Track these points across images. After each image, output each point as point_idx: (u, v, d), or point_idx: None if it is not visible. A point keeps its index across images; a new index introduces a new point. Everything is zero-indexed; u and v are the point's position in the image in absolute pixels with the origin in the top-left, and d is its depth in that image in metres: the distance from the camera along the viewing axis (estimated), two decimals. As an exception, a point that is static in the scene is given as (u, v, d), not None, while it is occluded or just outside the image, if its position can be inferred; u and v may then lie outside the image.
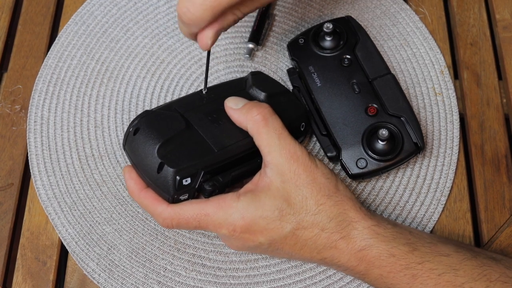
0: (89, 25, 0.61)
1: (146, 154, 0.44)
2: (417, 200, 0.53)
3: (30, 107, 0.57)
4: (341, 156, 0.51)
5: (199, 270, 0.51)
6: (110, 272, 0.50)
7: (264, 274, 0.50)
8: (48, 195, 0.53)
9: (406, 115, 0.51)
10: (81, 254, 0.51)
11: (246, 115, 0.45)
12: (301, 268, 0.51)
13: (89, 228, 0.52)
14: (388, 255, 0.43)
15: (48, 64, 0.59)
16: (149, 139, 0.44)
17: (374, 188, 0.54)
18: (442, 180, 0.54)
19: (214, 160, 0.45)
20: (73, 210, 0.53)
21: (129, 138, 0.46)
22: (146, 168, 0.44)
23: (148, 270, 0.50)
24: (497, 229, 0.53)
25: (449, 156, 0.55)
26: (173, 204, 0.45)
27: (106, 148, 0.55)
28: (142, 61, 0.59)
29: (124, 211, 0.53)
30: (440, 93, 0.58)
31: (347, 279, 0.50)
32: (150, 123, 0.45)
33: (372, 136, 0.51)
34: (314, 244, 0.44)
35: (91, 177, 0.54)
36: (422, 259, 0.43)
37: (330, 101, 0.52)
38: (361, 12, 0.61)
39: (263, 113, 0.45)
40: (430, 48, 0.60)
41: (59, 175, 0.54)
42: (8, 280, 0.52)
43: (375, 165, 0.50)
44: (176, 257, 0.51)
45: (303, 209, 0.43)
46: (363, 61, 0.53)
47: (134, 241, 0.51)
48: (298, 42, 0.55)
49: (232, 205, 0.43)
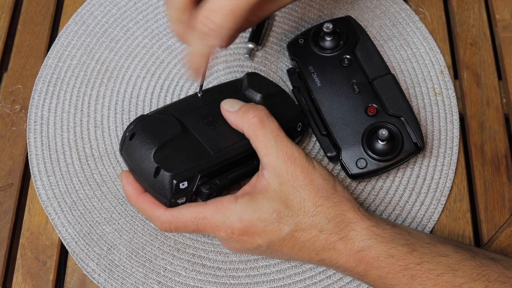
0: (89, 25, 0.61)
1: (143, 159, 0.44)
2: (417, 200, 0.53)
3: (30, 107, 0.57)
4: (341, 156, 0.51)
5: (199, 270, 0.51)
6: (110, 272, 0.50)
7: (264, 274, 0.50)
8: (48, 195, 0.53)
9: (406, 115, 0.51)
10: (81, 254, 0.51)
11: (243, 118, 0.45)
12: (301, 268, 0.51)
13: (89, 228, 0.52)
14: (386, 256, 0.43)
15: (48, 64, 0.59)
16: (145, 144, 0.44)
17: (374, 188, 0.54)
18: (442, 180, 0.54)
19: (211, 163, 0.45)
20: (73, 210, 0.53)
21: (125, 143, 0.46)
22: (143, 172, 0.44)
23: (148, 270, 0.50)
24: (497, 229, 0.53)
25: (449, 156, 0.55)
26: (171, 208, 0.45)
27: (106, 148, 0.55)
28: (142, 61, 0.59)
29: (124, 211, 0.53)
30: (440, 93, 0.58)
31: (347, 279, 0.50)
32: (145, 128, 0.45)
33: (372, 136, 0.51)
34: (313, 245, 0.44)
35: (91, 177, 0.54)
36: (421, 260, 0.43)
37: (330, 101, 0.52)
38: (361, 12, 0.61)
39: (259, 115, 0.45)
40: (430, 48, 0.60)
41: (59, 175, 0.54)
42: (8, 280, 0.51)
43: (375, 165, 0.50)
44: (176, 257, 0.51)
45: (301, 211, 0.43)
46: (363, 61, 0.53)
47: (134, 241, 0.51)
48: (298, 42, 0.55)
49: (230, 207, 0.43)
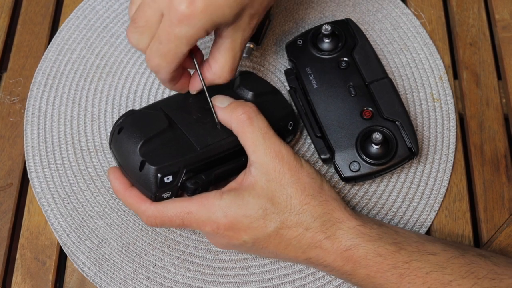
0: (90, 20, 0.61)
1: (129, 153, 0.44)
2: (410, 206, 0.53)
3: (28, 99, 0.57)
4: (334, 159, 0.51)
5: (188, 267, 0.51)
6: (100, 266, 0.50)
7: (253, 274, 0.50)
8: (42, 187, 0.53)
9: (402, 120, 0.51)
10: (72, 247, 0.51)
11: (231, 114, 0.45)
12: (291, 269, 0.51)
13: (81, 221, 0.52)
14: (374, 255, 0.43)
15: (48, 57, 0.59)
16: (132, 138, 0.45)
17: (367, 192, 0.54)
18: (436, 186, 0.54)
19: (196, 158, 0.45)
20: (66, 202, 0.53)
21: (113, 137, 0.46)
22: (129, 166, 0.45)
23: (137, 265, 0.50)
24: (496, 229, 0.53)
25: (444, 162, 0.55)
26: (156, 202, 0.45)
27: (101, 143, 0.56)
28: (142, 57, 0.59)
29: (116, 205, 0.53)
30: (438, 99, 0.57)
31: (336, 282, 0.50)
32: (133, 122, 0.46)
33: (366, 140, 0.50)
34: (299, 243, 0.44)
35: (86, 171, 0.54)
36: (409, 258, 0.42)
37: (325, 103, 0.52)
38: (362, 15, 0.61)
39: (248, 112, 0.45)
40: (430, 54, 0.59)
41: (54, 167, 0.54)
42: (8, 280, 0.52)
43: (368, 168, 0.50)
44: (166, 254, 0.51)
45: (287, 209, 0.43)
46: (361, 64, 0.53)
47: (125, 235, 0.52)
48: (296, 43, 0.55)
49: (215, 203, 0.43)
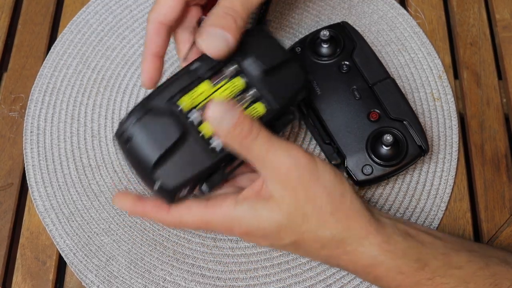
0: (84, 34, 0.60)
1: (142, 169, 0.42)
2: (417, 207, 0.53)
3: (26, 117, 0.56)
4: (346, 164, 0.50)
5: (198, 280, 0.50)
6: (109, 284, 0.50)
7: (264, 284, 0.50)
8: (45, 206, 0.53)
9: (409, 119, 0.51)
10: (79, 265, 0.50)
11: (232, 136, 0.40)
12: (301, 277, 0.50)
13: (87, 239, 0.51)
14: (397, 272, 0.42)
15: (44, 74, 0.58)
16: (143, 154, 0.41)
17: (374, 195, 0.53)
18: (442, 186, 0.54)
19: (211, 169, 0.44)
20: (71, 221, 0.52)
21: (121, 146, 0.43)
22: (143, 180, 0.43)
23: (147, 281, 0.50)
24: (497, 229, 0.53)
25: (448, 161, 0.55)
26: (172, 208, 0.43)
27: (103, 158, 0.55)
28: (139, 69, 0.59)
29: (122, 221, 0.52)
30: (439, 98, 0.57)
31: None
32: (142, 132, 0.42)
33: (376, 142, 0.50)
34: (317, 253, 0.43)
35: (89, 187, 0.54)
36: (433, 275, 0.41)
37: (331, 109, 0.52)
38: (358, 18, 0.61)
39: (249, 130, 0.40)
40: (428, 53, 0.59)
41: (56, 185, 0.54)
42: (8, 280, 0.51)
43: (381, 170, 0.50)
44: (175, 267, 0.50)
45: (303, 228, 0.42)
46: (362, 66, 0.53)
47: (132, 251, 0.51)
48: (295, 51, 0.54)
49: (229, 214, 0.42)
